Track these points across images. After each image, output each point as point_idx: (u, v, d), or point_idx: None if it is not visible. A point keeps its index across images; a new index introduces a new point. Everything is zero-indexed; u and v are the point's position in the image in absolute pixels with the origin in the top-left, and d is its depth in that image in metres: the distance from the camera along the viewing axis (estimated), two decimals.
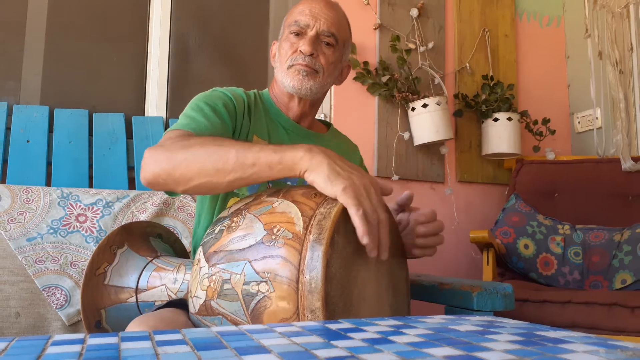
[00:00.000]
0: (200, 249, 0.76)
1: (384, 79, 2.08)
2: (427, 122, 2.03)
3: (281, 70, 1.03)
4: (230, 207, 0.83)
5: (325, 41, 1.02)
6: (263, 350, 0.38)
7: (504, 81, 2.28)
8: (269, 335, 0.44)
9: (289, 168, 0.74)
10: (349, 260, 0.69)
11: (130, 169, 1.57)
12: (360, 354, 0.37)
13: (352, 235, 0.70)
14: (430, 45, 2.19)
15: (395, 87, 2.08)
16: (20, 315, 1.23)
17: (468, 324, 0.50)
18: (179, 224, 1.46)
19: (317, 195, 0.73)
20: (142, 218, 1.42)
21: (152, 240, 0.98)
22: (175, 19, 1.96)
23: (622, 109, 2.16)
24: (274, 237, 0.69)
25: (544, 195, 2.11)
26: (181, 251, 1.07)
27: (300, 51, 1.00)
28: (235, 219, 0.75)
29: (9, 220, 1.31)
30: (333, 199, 0.71)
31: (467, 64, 2.29)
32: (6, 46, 1.73)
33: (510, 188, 2.17)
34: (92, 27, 1.85)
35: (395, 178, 2.08)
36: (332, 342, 0.41)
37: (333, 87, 2.07)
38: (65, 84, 1.78)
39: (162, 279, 0.88)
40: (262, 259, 0.68)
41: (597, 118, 2.33)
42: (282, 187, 0.81)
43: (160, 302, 0.87)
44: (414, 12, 2.18)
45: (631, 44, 2.21)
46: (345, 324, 0.50)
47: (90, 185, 1.50)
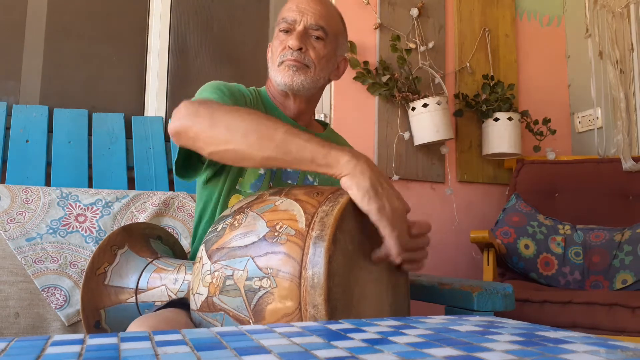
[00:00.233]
0: (203, 247, 0.77)
1: (384, 79, 2.08)
2: (428, 121, 2.03)
3: (273, 68, 1.03)
4: (232, 206, 0.83)
5: (315, 35, 1.01)
6: (263, 350, 0.38)
7: (505, 81, 2.28)
8: (269, 335, 0.44)
9: (330, 166, 0.74)
10: (350, 258, 0.70)
11: (129, 169, 1.57)
12: (360, 354, 0.37)
13: (353, 234, 0.71)
14: (431, 44, 2.19)
15: (395, 86, 2.08)
16: (20, 316, 1.23)
17: (468, 324, 0.50)
18: (179, 224, 1.46)
19: (319, 194, 0.74)
20: (142, 218, 1.42)
21: (152, 241, 0.98)
22: (175, 18, 1.96)
23: (623, 108, 2.16)
24: (276, 234, 0.69)
25: (545, 195, 2.11)
26: (180, 253, 1.07)
27: (289, 46, 1.00)
28: (237, 217, 0.76)
29: (8, 221, 1.31)
30: (335, 197, 0.71)
31: (468, 64, 2.29)
32: (6, 46, 1.73)
33: (511, 188, 2.17)
34: (92, 27, 1.85)
35: (395, 178, 2.08)
36: (332, 342, 0.41)
37: (333, 87, 2.07)
38: (64, 84, 1.78)
39: (162, 280, 0.88)
40: (265, 255, 0.68)
41: (597, 118, 2.32)
42: (284, 187, 0.81)
43: (160, 303, 0.87)
44: (414, 12, 2.18)
45: (632, 44, 2.21)
46: (345, 325, 0.49)
47: (90, 185, 1.50)
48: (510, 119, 2.15)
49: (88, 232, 1.36)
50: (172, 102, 1.90)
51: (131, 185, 1.54)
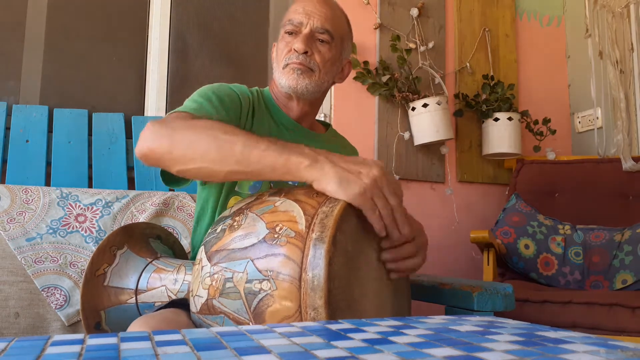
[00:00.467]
0: (202, 249, 0.76)
1: (384, 79, 2.08)
2: (428, 121, 2.03)
3: (278, 71, 1.03)
4: (231, 207, 0.83)
5: (320, 38, 1.00)
6: (263, 350, 0.38)
7: (505, 81, 2.28)
8: (269, 335, 0.44)
9: (291, 174, 0.74)
10: (350, 259, 0.70)
11: (129, 168, 1.57)
12: (360, 354, 0.37)
13: (353, 235, 0.71)
14: (431, 44, 2.19)
15: (395, 86, 2.08)
16: (20, 316, 1.23)
17: (468, 324, 0.50)
18: (179, 224, 1.46)
19: (319, 194, 0.73)
20: (142, 218, 1.42)
21: (152, 241, 0.98)
22: (175, 18, 1.96)
23: (623, 108, 2.16)
24: (276, 235, 0.69)
25: (545, 195, 2.11)
26: (180, 253, 1.07)
27: (294, 49, 0.99)
28: (237, 218, 0.75)
29: (8, 221, 1.31)
30: (334, 198, 0.71)
31: (468, 64, 2.29)
32: (6, 46, 1.73)
33: (511, 188, 2.17)
34: (91, 27, 1.85)
35: (395, 178, 2.07)
36: (332, 342, 0.41)
37: (333, 87, 2.07)
38: (64, 84, 1.78)
39: (162, 280, 0.88)
40: (265, 257, 0.68)
41: (597, 118, 2.32)
42: (283, 187, 0.81)
43: (160, 303, 0.87)
44: (414, 12, 2.18)
45: (631, 44, 2.21)
46: (345, 324, 0.49)
47: (90, 185, 1.50)
48: (510, 119, 2.15)
49: (88, 232, 1.36)
50: (172, 101, 1.90)
51: (131, 185, 1.54)
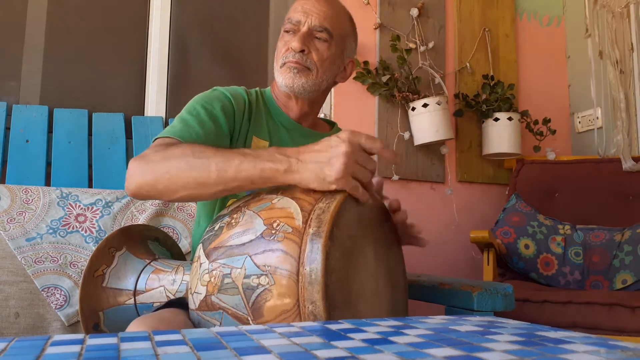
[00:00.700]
0: (200, 246, 0.77)
1: (384, 79, 2.08)
2: (428, 121, 2.03)
3: (276, 69, 1.03)
4: (229, 205, 0.83)
5: (318, 36, 1.00)
6: (263, 350, 0.38)
7: (505, 81, 2.28)
8: (269, 335, 0.44)
9: (271, 182, 0.75)
10: (348, 255, 0.70)
11: None
12: (360, 354, 0.37)
13: (350, 230, 0.71)
14: (431, 45, 2.19)
15: (395, 86, 2.08)
16: (20, 316, 1.23)
17: (468, 325, 0.50)
18: (179, 224, 1.46)
19: (315, 191, 0.74)
20: (142, 218, 1.42)
21: (150, 243, 0.98)
22: (175, 18, 1.96)
23: (623, 108, 2.16)
24: (273, 231, 0.69)
25: (545, 195, 2.11)
26: (178, 255, 1.07)
27: (291, 48, 0.99)
28: (234, 216, 0.76)
29: (8, 220, 1.31)
30: (331, 194, 0.72)
31: (468, 64, 2.29)
32: (6, 46, 1.73)
33: (511, 188, 2.17)
34: (92, 27, 1.85)
35: (395, 178, 2.08)
36: (332, 342, 0.41)
37: (333, 87, 2.07)
38: (64, 84, 1.78)
39: (160, 281, 0.88)
40: (263, 253, 0.68)
41: (597, 118, 2.32)
42: (281, 186, 0.81)
43: (158, 304, 0.87)
44: (414, 12, 2.18)
45: (631, 44, 2.21)
46: (345, 325, 0.49)
47: (90, 185, 1.50)
48: (510, 119, 2.15)
49: (88, 232, 1.36)
50: (172, 101, 1.90)
51: None
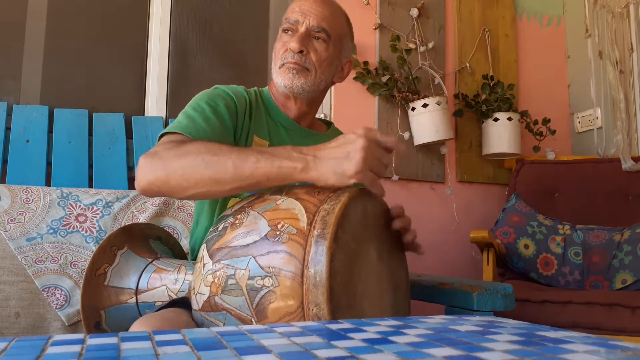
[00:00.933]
0: (204, 247, 0.77)
1: (384, 79, 2.08)
2: (427, 122, 2.03)
3: (275, 70, 1.03)
4: (232, 205, 0.83)
5: (317, 37, 1.00)
6: (263, 350, 0.38)
7: (504, 81, 2.28)
8: (269, 335, 0.44)
9: (288, 180, 0.76)
10: (352, 257, 0.70)
11: (130, 169, 1.57)
12: (360, 354, 0.37)
13: (355, 232, 0.71)
14: (431, 45, 2.19)
15: (395, 87, 2.08)
16: (20, 316, 1.23)
17: (468, 324, 0.50)
18: (179, 224, 1.46)
19: (319, 192, 0.74)
20: (142, 218, 1.42)
21: (152, 242, 0.98)
22: (175, 19, 1.96)
23: (623, 109, 2.16)
24: (278, 232, 0.69)
25: (544, 195, 2.11)
26: (180, 254, 1.07)
27: (290, 49, 0.99)
28: (238, 217, 0.76)
29: (9, 220, 1.31)
30: (336, 196, 0.72)
31: (467, 64, 2.29)
32: (6, 46, 1.73)
33: (511, 188, 2.17)
34: (92, 27, 1.85)
35: (395, 178, 2.08)
36: (332, 342, 0.41)
37: (333, 87, 2.07)
38: (65, 84, 1.78)
39: (162, 280, 0.88)
40: (267, 254, 0.68)
41: (597, 118, 2.32)
42: (284, 186, 0.81)
43: (160, 303, 0.87)
44: (414, 12, 2.18)
45: (631, 44, 2.21)
46: (345, 324, 0.50)
47: (90, 185, 1.50)
48: (510, 119, 2.15)
49: (88, 232, 1.36)
50: (173, 101, 1.90)
51: (131, 185, 1.54)
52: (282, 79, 1.00)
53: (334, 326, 0.48)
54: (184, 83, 1.95)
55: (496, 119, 2.16)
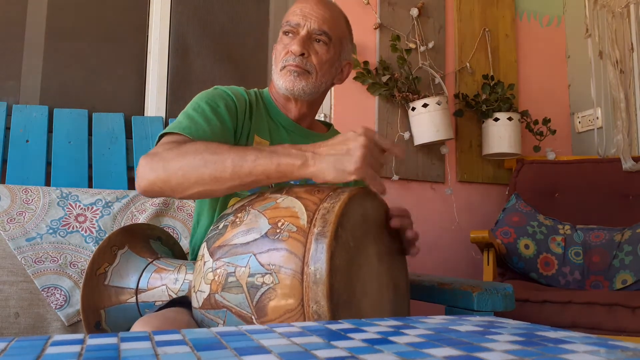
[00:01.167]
0: (204, 245, 0.77)
1: (384, 79, 2.08)
2: (428, 121, 2.03)
3: (275, 72, 1.03)
4: (233, 204, 0.84)
5: (317, 40, 1.01)
6: (263, 350, 0.38)
7: (505, 81, 2.28)
8: (269, 335, 0.44)
9: (287, 177, 0.76)
10: (352, 255, 0.70)
11: (129, 168, 1.57)
12: (360, 354, 0.37)
13: (354, 231, 0.71)
14: (431, 45, 2.19)
15: (395, 86, 2.08)
16: (20, 316, 1.23)
17: (468, 324, 0.50)
18: (179, 224, 1.46)
19: (319, 191, 0.74)
20: (142, 218, 1.42)
21: (152, 242, 0.98)
22: (175, 18, 1.96)
23: (623, 108, 2.16)
24: (278, 230, 0.69)
25: (545, 195, 2.11)
26: (180, 254, 1.07)
27: (291, 51, 1.00)
28: (239, 215, 0.76)
29: (8, 220, 1.31)
30: (336, 195, 0.73)
31: (468, 64, 2.29)
32: (6, 46, 1.73)
33: (511, 188, 2.17)
34: (92, 27, 1.85)
35: (395, 178, 2.08)
36: (332, 342, 0.41)
37: (333, 87, 2.07)
38: (64, 84, 1.78)
39: (162, 279, 0.88)
40: (267, 252, 0.69)
41: (597, 118, 2.32)
42: (284, 186, 0.82)
43: (160, 302, 0.87)
44: (414, 12, 2.18)
45: (632, 44, 2.21)
46: (345, 325, 0.49)
47: (90, 185, 1.50)
48: (510, 119, 2.15)
49: (88, 232, 1.36)
50: (172, 101, 1.90)
51: (131, 185, 1.54)
52: (283, 82, 1.01)
53: (334, 326, 0.48)
54: (184, 83, 1.95)
55: (496, 119, 2.16)
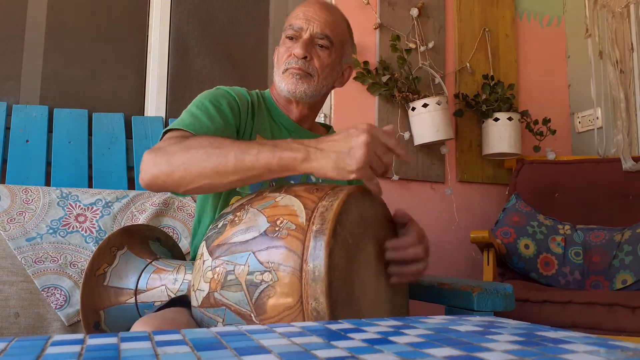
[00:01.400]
0: (203, 244, 0.77)
1: (384, 79, 2.08)
2: (428, 121, 2.03)
3: (277, 75, 1.04)
4: (232, 203, 0.84)
5: (320, 44, 1.02)
6: (263, 350, 0.38)
7: (505, 81, 2.28)
8: (269, 335, 0.44)
9: (289, 171, 0.76)
10: (350, 252, 0.71)
11: (129, 168, 1.57)
12: (360, 354, 0.37)
13: (353, 229, 0.72)
14: (431, 44, 2.19)
15: (395, 86, 2.08)
16: (20, 316, 1.23)
17: (468, 325, 0.50)
18: (179, 224, 1.46)
19: (318, 190, 0.75)
20: (142, 218, 1.42)
21: (151, 243, 0.98)
22: (175, 18, 1.96)
23: (623, 108, 2.16)
24: (277, 228, 0.70)
25: (545, 195, 2.11)
26: (179, 256, 1.07)
27: (294, 55, 1.01)
28: (238, 214, 0.76)
29: (9, 220, 1.31)
30: (334, 193, 0.73)
31: (468, 64, 2.29)
32: (6, 46, 1.73)
33: (511, 188, 2.17)
34: (92, 27, 1.85)
35: (395, 178, 2.08)
36: (332, 342, 0.41)
37: None
38: (64, 84, 1.78)
39: (161, 280, 0.88)
40: (266, 250, 0.69)
41: (597, 118, 2.32)
42: (284, 184, 0.82)
43: (160, 303, 0.87)
44: (414, 12, 2.18)
45: (631, 44, 2.21)
46: (345, 325, 0.49)
47: (90, 185, 1.50)
48: (510, 119, 2.15)
49: (88, 232, 1.36)
50: (172, 101, 1.90)
51: (131, 185, 1.54)
52: (285, 84, 1.02)
53: (333, 326, 0.48)
54: (184, 83, 1.95)
55: (496, 119, 2.16)
